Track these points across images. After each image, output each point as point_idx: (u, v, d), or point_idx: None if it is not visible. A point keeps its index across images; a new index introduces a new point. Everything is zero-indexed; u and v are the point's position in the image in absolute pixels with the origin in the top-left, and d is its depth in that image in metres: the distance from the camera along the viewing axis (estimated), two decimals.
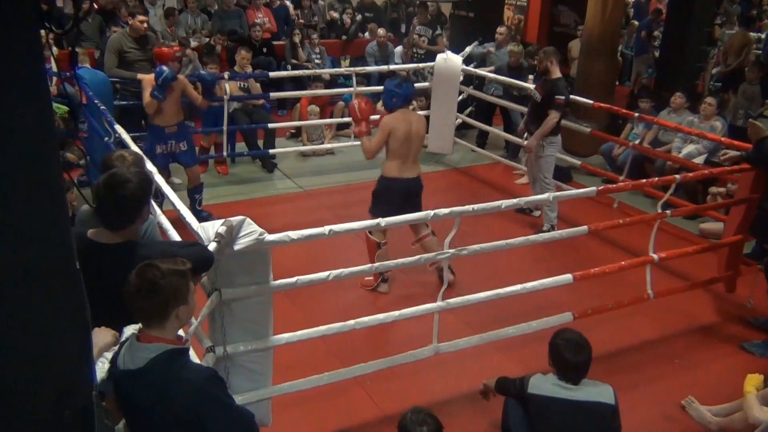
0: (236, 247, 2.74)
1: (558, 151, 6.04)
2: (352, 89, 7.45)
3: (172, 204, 3.37)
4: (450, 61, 7.29)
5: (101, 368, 2.09)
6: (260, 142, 7.41)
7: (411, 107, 5.27)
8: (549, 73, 5.76)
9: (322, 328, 3.28)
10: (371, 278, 4.81)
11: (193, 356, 2.43)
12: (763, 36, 11.34)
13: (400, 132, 4.62)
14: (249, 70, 7.53)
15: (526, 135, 6.18)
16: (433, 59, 7.56)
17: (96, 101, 5.26)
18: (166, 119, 5.48)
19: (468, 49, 7.92)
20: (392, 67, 8.81)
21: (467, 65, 7.62)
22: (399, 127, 4.63)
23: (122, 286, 2.04)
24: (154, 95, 5.29)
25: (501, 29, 8.23)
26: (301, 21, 10.73)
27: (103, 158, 3.03)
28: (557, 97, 5.65)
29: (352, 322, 3.33)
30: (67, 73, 5.86)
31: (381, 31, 9.82)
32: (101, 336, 2.14)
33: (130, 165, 2.80)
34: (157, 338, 2.03)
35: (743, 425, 3.33)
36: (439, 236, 3.58)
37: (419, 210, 4.80)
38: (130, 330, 2.17)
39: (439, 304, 3.59)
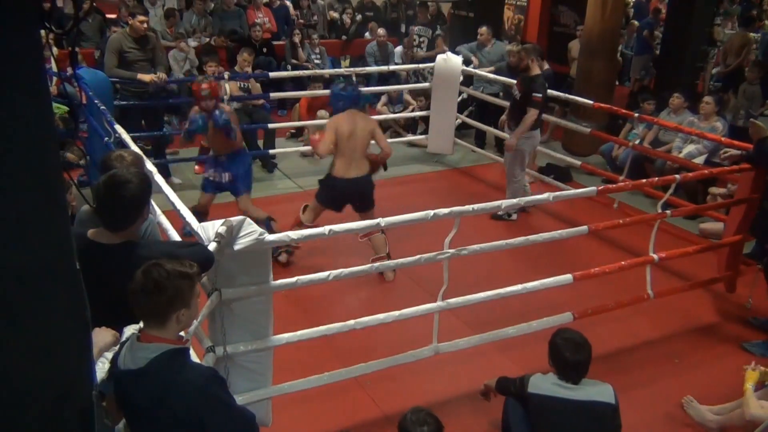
0: (236, 247, 2.74)
1: (534, 146, 6.12)
2: None
3: (172, 204, 3.36)
4: (450, 61, 7.30)
5: (101, 368, 2.09)
6: (260, 142, 7.41)
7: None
8: (529, 70, 5.83)
9: (322, 328, 3.28)
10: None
11: (193, 356, 2.42)
12: (763, 35, 11.35)
13: (343, 129, 4.89)
14: (249, 70, 7.54)
15: (506, 130, 6.24)
16: (433, 59, 7.57)
17: (96, 101, 5.25)
18: (214, 147, 5.38)
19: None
20: (392, 67, 8.83)
21: (467, 65, 7.62)
22: (342, 125, 4.91)
23: (122, 286, 2.04)
24: (184, 136, 5.33)
25: (482, 29, 8.20)
26: (301, 21, 10.74)
27: (102, 158, 3.03)
28: (534, 95, 5.72)
29: (352, 322, 3.33)
30: (67, 73, 5.86)
31: (381, 31, 9.83)
32: (101, 336, 2.14)
33: (129, 165, 2.79)
34: (157, 338, 2.02)
35: (741, 422, 3.33)
36: (440, 236, 3.58)
37: (368, 206, 5.03)
38: (130, 330, 2.17)
39: (439, 304, 3.59)
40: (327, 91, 8.10)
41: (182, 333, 2.16)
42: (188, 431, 2.02)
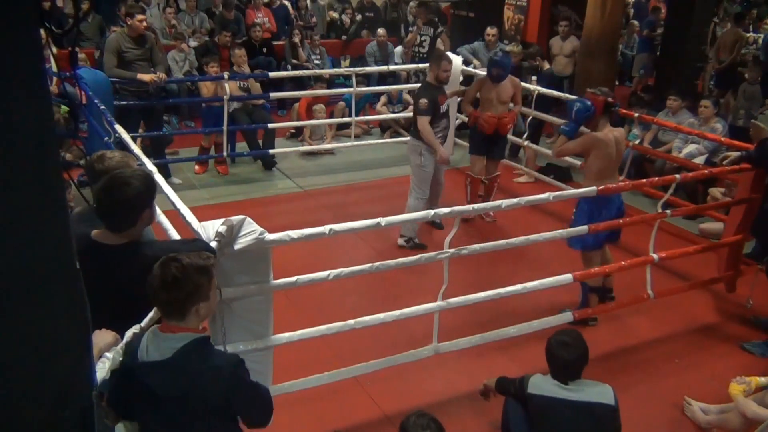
0: (236, 247, 2.74)
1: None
2: (352, 89, 7.46)
3: (172, 204, 3.36)
4: None
5: (101, 368, 2.09)
6: (260, 142, 7.41)
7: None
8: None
9: (322, 328, 3.28)
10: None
11: None
12: (763, 36, 11.34)
13: None
14: (246, 68, 7.54)
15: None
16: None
17: (96, 101, 5.25)
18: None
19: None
20: (392, 67, 8.83)
21: (467, 66, 7.62)
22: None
23: (126, 286, 2.05)
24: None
25: (491, 30, 8.18)
26: (300, 23, 10.72)
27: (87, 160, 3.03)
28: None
29: (352, 322, 3.33)
30: (67, 73, 5.85)
31: (381, 31, 9.82)
32: (102, 337, 2.13)
33: (114, 166, 2.76)
34: (181, 328, 2.05)
35: (739, 422, 3.34)
36: (440, 236, 3.58)
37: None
38: (130, 332, 2.17)
39: (439, 304, 3.59)
40: (326, 92, 8.17)
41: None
42: (217, 416, 2.07)
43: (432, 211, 3.49)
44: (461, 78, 7.37)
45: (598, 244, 4.46)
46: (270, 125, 7.25)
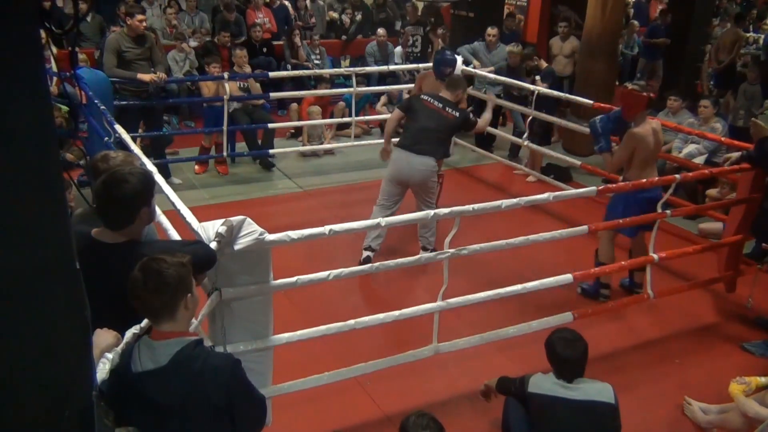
0: (236, 247, 2.74)
1: None
2: (352, 89, 7.46)
3: (172, 204, 3.36)
4: None
5: (102, 368, 2.09)
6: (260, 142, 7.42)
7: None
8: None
9: (322, 328, 3.28)
10: None
11: None
12: (763, 36, 11.35)
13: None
14: (247, 69, 7.54)
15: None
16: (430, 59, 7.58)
17: (96, 101, 5.25)
18: None
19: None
20: (392, 67, 8.83)
21: (467, 66, 7.62)
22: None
23: (126, 285, 2.04)
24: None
25: (492, 30, 8.18)
26: (299, 23, 10.72)
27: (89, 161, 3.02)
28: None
29: (352, 322, 3.33)
30: (67, 73, 5.85)
31: (381, 31, 9.82)
32: (102, 337, 2.13)
33: (117, 165, 2.76)
34: (173, 333, 2.04)
35: (740, 422, 3.34)
36: (440, 236, 3.58)
37: None
38: (130, 333, 2.17)
39: (439, 304, 3.59)
40: (327, 92, 8.17)
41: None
42: (219, 418, 2.06)
43: (432, 212, 3.48)
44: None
45: (632, 232, 4.72)
46: (270, 125, 7.26)
